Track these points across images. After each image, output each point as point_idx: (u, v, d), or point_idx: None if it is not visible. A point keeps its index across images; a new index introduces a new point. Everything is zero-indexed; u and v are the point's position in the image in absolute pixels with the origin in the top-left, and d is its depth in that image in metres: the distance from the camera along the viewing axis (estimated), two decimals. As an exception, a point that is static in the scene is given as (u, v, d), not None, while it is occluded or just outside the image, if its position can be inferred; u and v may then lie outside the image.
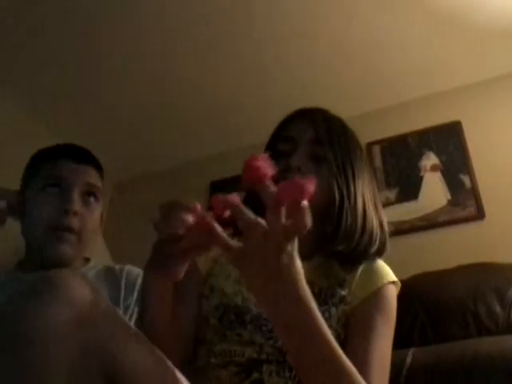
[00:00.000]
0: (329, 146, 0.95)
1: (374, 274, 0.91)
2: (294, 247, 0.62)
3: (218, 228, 0.62)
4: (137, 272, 1.22)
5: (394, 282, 0.91)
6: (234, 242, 0.62)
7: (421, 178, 2.44)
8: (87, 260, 1.28)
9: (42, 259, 1.15)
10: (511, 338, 1.46)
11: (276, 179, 0.62)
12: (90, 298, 0.63)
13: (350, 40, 2.23)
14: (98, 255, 1.32)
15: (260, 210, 0.62)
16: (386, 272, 0.92)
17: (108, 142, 2.59)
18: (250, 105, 2.52)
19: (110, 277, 1.20)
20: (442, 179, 2.39)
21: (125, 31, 2.12)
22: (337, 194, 0.92)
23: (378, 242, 0.93)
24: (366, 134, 2.56)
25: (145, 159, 2.88)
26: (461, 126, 2.43)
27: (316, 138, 0.96)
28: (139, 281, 1.18)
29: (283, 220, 0.60)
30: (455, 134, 2.43)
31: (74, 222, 1.15)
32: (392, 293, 0.90)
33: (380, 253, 0.95)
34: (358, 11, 2.09)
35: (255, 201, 0.63)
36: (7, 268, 1.23)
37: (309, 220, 0.60)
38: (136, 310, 1.13)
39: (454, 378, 1.38)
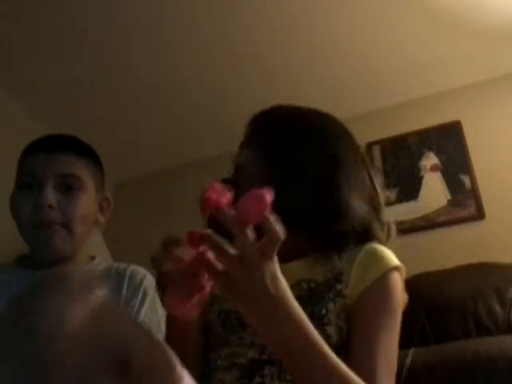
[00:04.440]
0: (254, 145, 1.01)
1: (371, 262, 0.84)
2: (275, 262, 0.62)
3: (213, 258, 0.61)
4: (142, 273, 1.18)
5: (396, 267, 0.83)
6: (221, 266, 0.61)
7: (421, 178, 2.44)
8: (93, 258, 1.24)
9: (41, 257, 1.13)
10: (511, 338, 1.47)
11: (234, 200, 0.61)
12: (104, 295, 0.62)
13: (350, 40, 2.23)
14: (98, 255, 1.30)
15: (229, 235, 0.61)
16: (386, 257, 0.84)
17: (108, 142, 2.59)
18: (250, 105, 2.52)
19: (113, 276, 1.17)
20: (442, 179, 2.40)
21: (124, 30, 2.12)
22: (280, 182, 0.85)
23: (354, 216, 0.87)
24: (366, 134, 2.56)
25: (145, 159, 2.88)
26: (461, 125, 2.44)
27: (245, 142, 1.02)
28: (145, 282, 1.15)
29: (252, 239, 0.59)
30: (455, 134, 2.43)
31: (53, 215, 1.09)
32: (394, 280, 0.82)
33: (365, 230, 0.89)
34: (357, 10, 2.09)
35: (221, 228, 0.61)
36: (6, 262, 1.21)
37: (280, 229, 0.59)
38: (143, 312, 1.11)
39: (454, 377, 1.38)
